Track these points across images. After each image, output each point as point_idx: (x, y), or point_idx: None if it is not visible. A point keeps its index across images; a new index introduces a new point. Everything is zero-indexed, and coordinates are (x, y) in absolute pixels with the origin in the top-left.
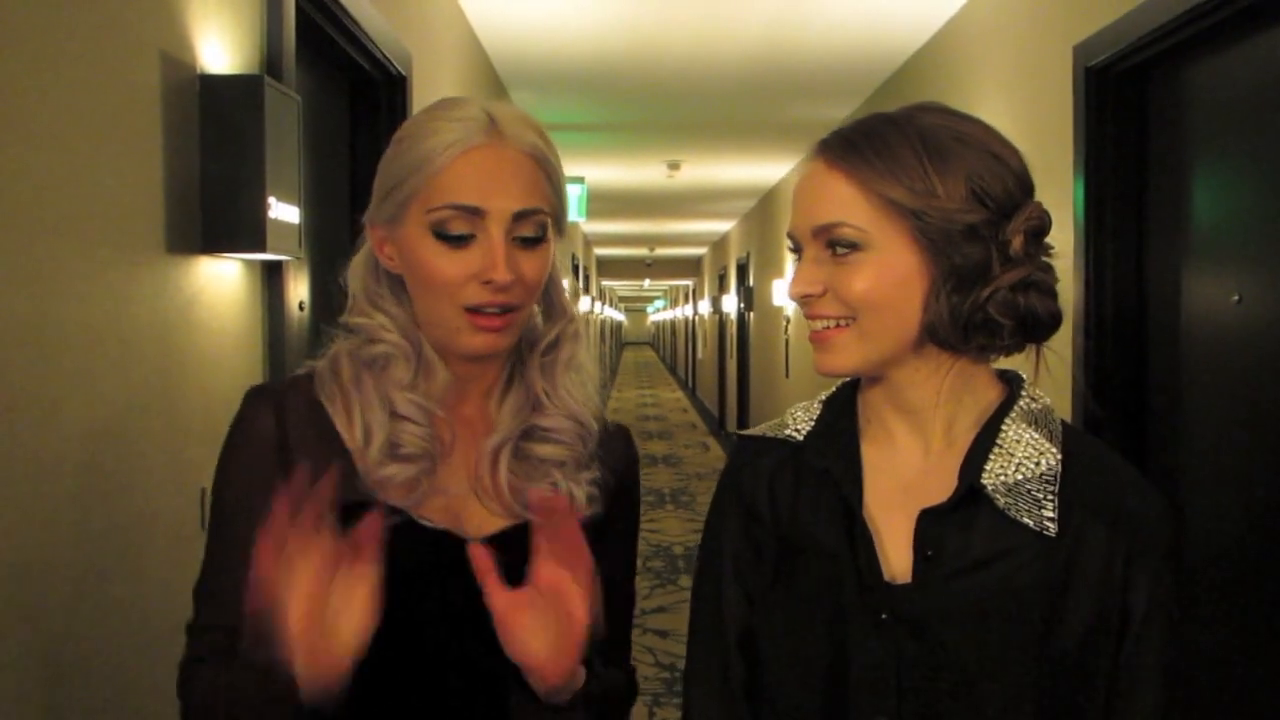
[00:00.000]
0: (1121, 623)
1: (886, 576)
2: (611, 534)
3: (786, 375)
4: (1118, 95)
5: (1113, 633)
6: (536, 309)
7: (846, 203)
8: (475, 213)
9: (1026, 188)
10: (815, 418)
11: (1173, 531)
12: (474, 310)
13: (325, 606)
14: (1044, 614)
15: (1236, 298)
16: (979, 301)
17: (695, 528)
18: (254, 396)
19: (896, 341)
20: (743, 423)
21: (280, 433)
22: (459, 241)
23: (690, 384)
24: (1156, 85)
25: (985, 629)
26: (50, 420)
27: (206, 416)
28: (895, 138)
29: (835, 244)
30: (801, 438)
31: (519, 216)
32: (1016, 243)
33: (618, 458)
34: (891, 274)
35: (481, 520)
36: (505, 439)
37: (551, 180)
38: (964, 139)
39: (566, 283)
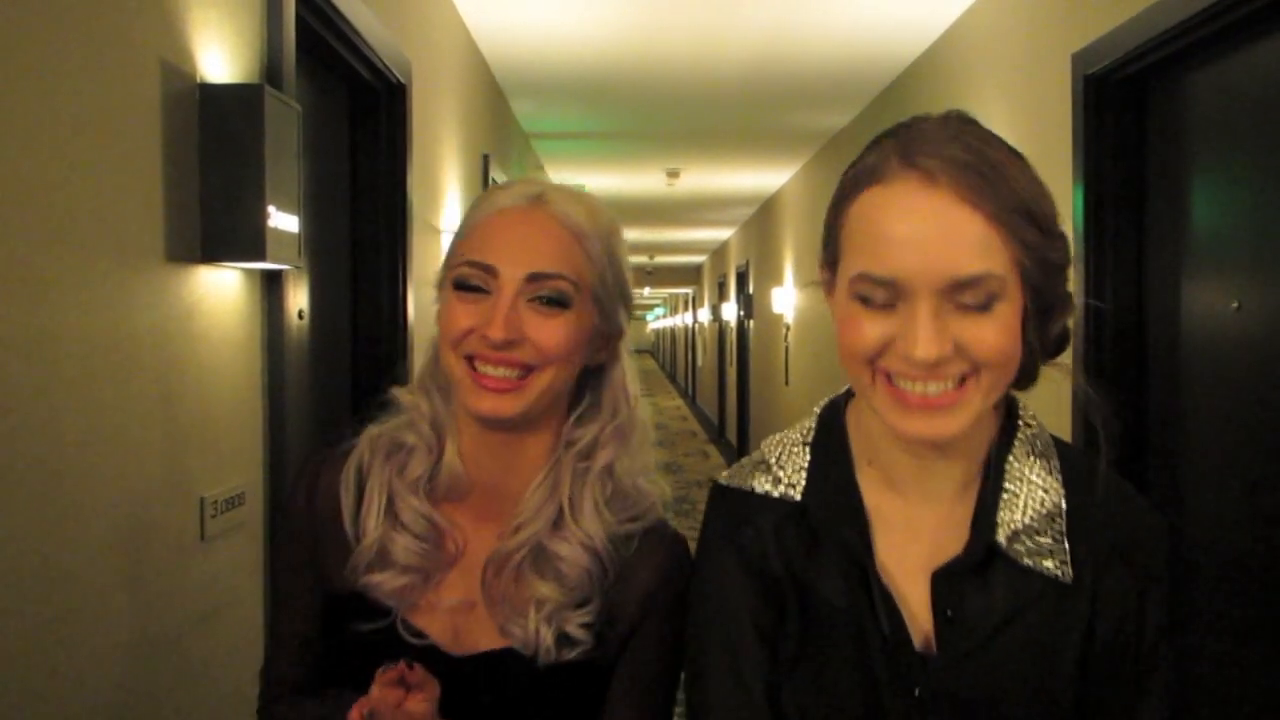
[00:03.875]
0: (1135, 650)
1: (917, 645)
2: (628, 673)
3: (786, 383)
4: (1117, 103)
5: (1129, 661)
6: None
7: (989, 249)
8: (488, 270)
9: None
10: (805, 466)
11: (1168, 549)
12: (471, 361)
13: None
14: (1075, 662)
15: (1236, 305)
16: (1052, 334)
17: (695, 535)
18: (301, 472)
19: (1003, 390)
20: (742, 431)
21: (310, 513)
22: (472, 295)
23: (690, 392)
24: (1155, 93)
25: (1020, 689)
26: (49, 429)
27: (205, 426)
28: (1014, 169)
29: (974, 296)
30: (799, 496)
31: (534, 279)
32: (1070, 273)
33: (644, 581)
34: (1015, 321)
35: (481, 634)
36: (516, 549)
37: (587, 252)
38: (1030, 165)
39: (634, 387)
